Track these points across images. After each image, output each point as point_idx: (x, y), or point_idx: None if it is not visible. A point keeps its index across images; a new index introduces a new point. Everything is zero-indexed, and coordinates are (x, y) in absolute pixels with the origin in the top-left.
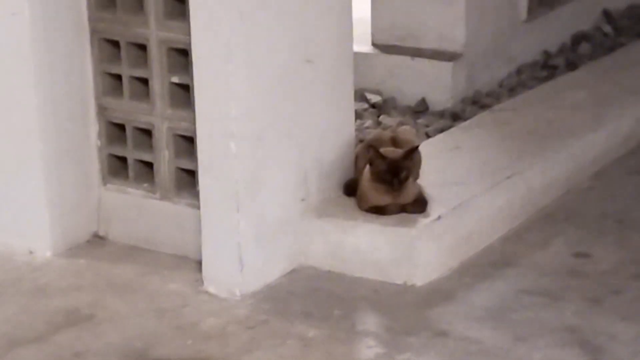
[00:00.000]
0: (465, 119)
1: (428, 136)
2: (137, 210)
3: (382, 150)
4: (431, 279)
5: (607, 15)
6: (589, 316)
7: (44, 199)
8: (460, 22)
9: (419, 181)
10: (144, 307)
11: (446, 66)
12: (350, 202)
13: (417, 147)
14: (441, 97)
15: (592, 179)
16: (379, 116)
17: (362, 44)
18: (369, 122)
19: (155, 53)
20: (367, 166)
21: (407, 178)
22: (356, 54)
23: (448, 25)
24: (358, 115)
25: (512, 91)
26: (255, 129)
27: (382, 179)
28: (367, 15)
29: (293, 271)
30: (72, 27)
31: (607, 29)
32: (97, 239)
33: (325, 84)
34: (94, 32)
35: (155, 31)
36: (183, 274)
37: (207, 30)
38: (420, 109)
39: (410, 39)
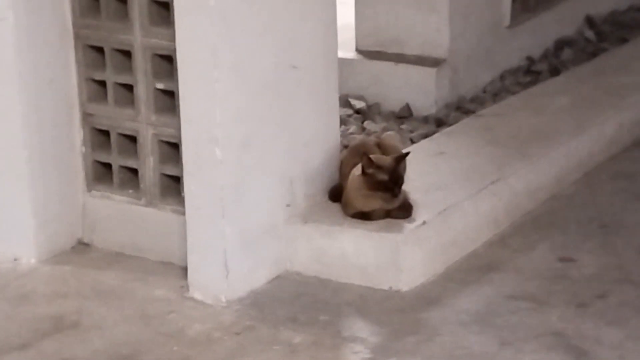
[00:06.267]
0: (449, 125)
1: (412, 142)
2: (122, 217)
3: (374, 157)
4: (417, 284)
5: (589, 20)
6: (574, 320)
7: (29, 205)
8: (444, 28)
9: (403, 187)
10: (130, 313)
11: (430, 72)
12: (336, 207)
13: (407, 153)
14: (425, 102)
15: (576, 184)
16: (363, 122)
17: (347, 50)
18: (353, 128)
19: (140, 59)
20: (353, 172)
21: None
22: (340, 59)
23: (432, 31)
24: (342, 121)
25: (496, 97)
26: (240, 135)
27: (383, 187)
28: (352, 21)
29: (279, 277)
30: (56, 33)
31: (590, 34)
32: (82, 246)
33: (310, 90)
34: (78, 38)
35: (140, 37)
36: (168, 280)
37: (192, 37)
38: (405, 114)
39: (394, 45)
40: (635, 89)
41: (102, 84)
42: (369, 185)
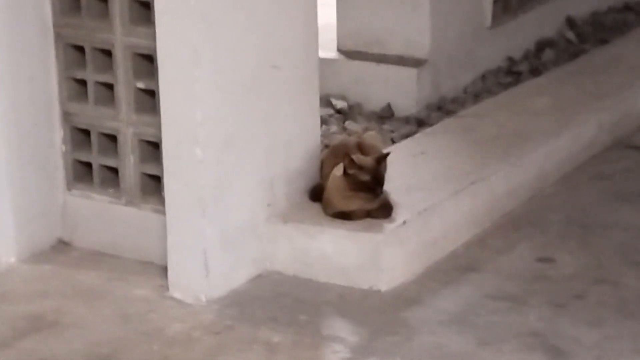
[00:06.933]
0: (430, 125)
1: (393, 142)
2: (102, 216)
3: (355, 158)
4: (396, 284)
5: (570, 22)
6: (552, 320)
7: (8, 204)
8: (426, 28)
9: (384, 186)
10: (110, 312)
11: (411, 72)
12: (316, 207)
13: (388, 153)
14: (406, 103)
15: (556, 185)
16: (344, 122)
17: (328, 50)
18: (334, 128)
19: (121, 58)
20: (334, 172)
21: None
22: (322, 59)
23: (413, 32)
24: (324, 121)
25: (477, 97)
26: (221, 135)
27: (365, 187)
28: (333, 21)
29: (259, 276)
30: (37, 32)
31: (571, 35)
32: (62, 245)
33: (291, 90)
34: (59, 37)
35: (120, 37)
36: (148, 280)
37: (172, 36)
38: (386, 114)
39: (376, 45)
40: (616, 90)
41: (83, 83)
42: (350, 186)
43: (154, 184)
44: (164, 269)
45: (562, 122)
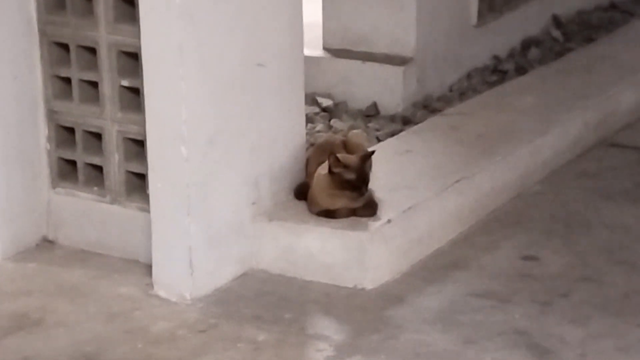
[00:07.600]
0: (415, 123)
1: (379, 140)
2: (87, 214)
3: (340, 156)
4: (382, 282)
5: (556, 20)
6: (537, 319)
7: None
8: (411, 26)
9: (369, 185)
10: (94, 311)
11: (397, 70)
12: (301, 205)
13: (373, 152)
14: (392, 101)
15: (541, 183)
16: (330, 120)
17: (314, 48)
18: (320, 126)
19: (105, 56)
20: (319, 170)
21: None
22: (307, 58)
23: (399, 30)
24: (309, 119)
25: (463, 95)
26: (206, 133)
27: (350, 186)
28: (319, 19)
29: (244, 275)
30: (21, 29)
31: (556, 34)
32: (47, 243)
33: (276, 88)
34: (43, 35)
35: (105, 34)
36: (133, 278)
37: (157, 34)
38: (371, 113)
39: (362, 44)
40: (601, 88)
41: (67, 80)
42: (335, 184)
43: (138, 182)
44: (149, 267)
45: (548, 120)
